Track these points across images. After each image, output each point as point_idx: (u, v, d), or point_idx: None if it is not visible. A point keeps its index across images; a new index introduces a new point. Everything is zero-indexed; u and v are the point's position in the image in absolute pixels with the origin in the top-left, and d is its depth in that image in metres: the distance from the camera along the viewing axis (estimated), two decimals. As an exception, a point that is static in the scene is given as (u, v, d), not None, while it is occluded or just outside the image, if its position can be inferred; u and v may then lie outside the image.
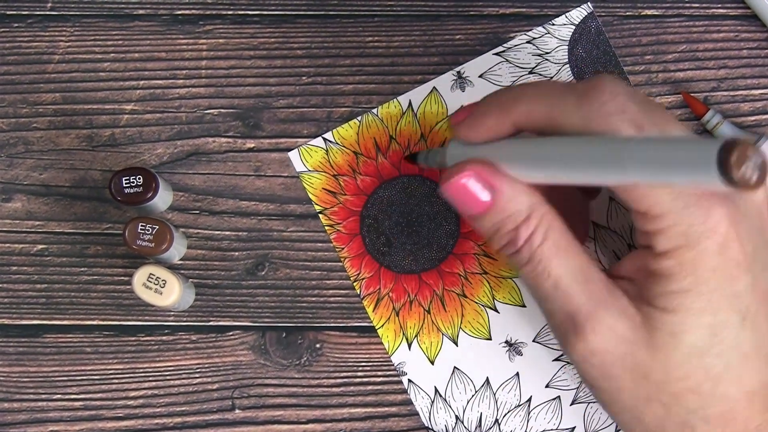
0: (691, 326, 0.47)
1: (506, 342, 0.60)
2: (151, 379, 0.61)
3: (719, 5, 0.62)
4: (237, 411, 0.60)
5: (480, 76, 0.62)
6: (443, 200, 0.60)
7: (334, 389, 0.61)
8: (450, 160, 0.53)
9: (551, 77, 0.62)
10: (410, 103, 0.62)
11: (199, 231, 0.61)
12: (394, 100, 0.62)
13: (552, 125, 0.48)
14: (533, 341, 0.60)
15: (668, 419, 0.49)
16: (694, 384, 0.48)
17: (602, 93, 0.47)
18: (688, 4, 0.62)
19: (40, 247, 0.61)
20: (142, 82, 0.62)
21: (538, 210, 0.49)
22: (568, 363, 0.60)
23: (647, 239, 0.48)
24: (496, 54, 0.62)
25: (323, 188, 0.61)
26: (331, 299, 0.61)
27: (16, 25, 0.62)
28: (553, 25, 0.62)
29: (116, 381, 0.61)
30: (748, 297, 0.47)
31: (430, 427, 0.60)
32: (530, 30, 0.62)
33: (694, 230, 0.46)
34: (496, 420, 0.60)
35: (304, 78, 0.62)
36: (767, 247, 0.48)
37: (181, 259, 0.61)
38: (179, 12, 0.63)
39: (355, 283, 0.61)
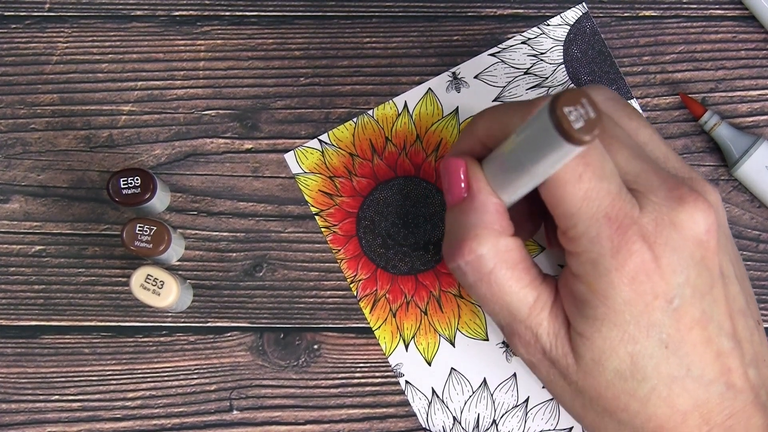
0: (611, 354, 0.48)
1: (503, 343, 0.60)
2: (149, 380, 0.61)
3: (717, 6, 0.62)
4: (235, 412, 0.60)
5: (475, 77, 0.62)
6: (439, 201, 0.61)
7: (332, 390, 0.61)
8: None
9: (546, 78, 0.62)
10: (405, 105, 0.62)
11: (197, 232, 0.61)
12: (390, 101, 0.62)
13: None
14: (531, 342, 0.60)
15: (603, 427, 0.50)
16: (622, 404, 0.49)
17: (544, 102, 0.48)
18: (686, 5, 0.62)
19: (38, 248, 0.61)
20: (140, 83, 0.62)
21: (493, 236, 0.49)
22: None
23: (567, 258, 0.48)
24: (491, 55, 0.62)
25: (319, 190, 0.61)
26: (329, 300, 0.61)
27: (13, 26, 0.62)
28: (548, 25, 0.62)
29: (114, 382, 0.61)
30: (669, 325, 0.47)
31: (427, 428, 0.60)
32: (525, 30, 0.62)
33: (602, 260, 0.47)
34: (494, 421, 0.60)
35: (302, 79, 0.62)
36: (708, 274, 0.48)
37: (178, 260, 0.61)
38: (177, 13, 0.63)
39: (351, 285, 0.61)
